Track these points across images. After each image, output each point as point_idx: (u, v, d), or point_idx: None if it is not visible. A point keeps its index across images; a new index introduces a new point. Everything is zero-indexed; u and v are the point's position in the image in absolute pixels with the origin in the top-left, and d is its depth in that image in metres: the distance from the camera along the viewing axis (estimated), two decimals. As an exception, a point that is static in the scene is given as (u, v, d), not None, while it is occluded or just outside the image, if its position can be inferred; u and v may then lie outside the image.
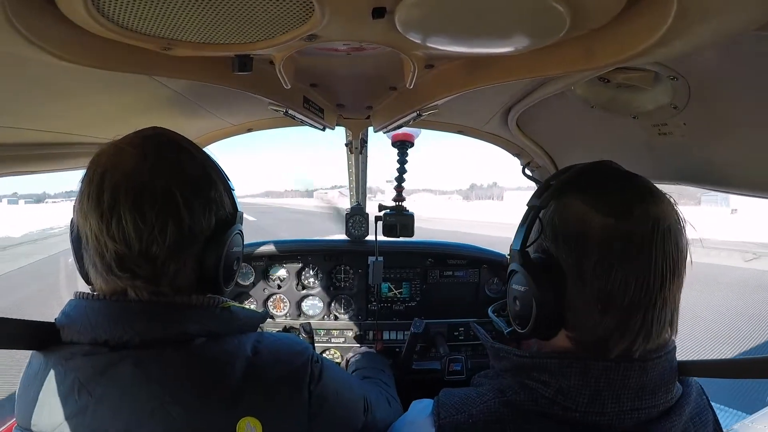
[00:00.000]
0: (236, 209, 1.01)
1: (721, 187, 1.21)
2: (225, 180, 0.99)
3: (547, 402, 0.80)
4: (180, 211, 0.86)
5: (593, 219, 0.79)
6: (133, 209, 0.84)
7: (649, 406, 0.80)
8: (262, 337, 0.96)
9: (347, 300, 2.70)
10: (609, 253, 0.77)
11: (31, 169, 1.34)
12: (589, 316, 0.80)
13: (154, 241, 0.85)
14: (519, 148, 2.22)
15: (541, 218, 0.89)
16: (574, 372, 0.79)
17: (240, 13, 0.77)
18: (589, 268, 0.79)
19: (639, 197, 0.80)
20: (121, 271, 0.86)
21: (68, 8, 0.71)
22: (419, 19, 0.78)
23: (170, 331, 0.87)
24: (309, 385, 0.91)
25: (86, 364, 0.83)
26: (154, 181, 0.86)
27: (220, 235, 0.94)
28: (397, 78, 1.38)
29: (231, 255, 0.97)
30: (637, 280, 0.76)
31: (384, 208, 2.35)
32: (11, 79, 0.97)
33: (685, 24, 0.63)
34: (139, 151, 0.88)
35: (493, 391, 0.87)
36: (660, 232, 0.77)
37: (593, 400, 0.78)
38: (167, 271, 0.88)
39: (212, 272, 0.93)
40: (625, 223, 0.78)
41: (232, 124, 2.14)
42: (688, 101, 1.01)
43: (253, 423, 0.83)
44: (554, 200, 0.87)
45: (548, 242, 0.86)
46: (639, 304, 0.77)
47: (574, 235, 0.81)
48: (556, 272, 0.83)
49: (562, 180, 0.89)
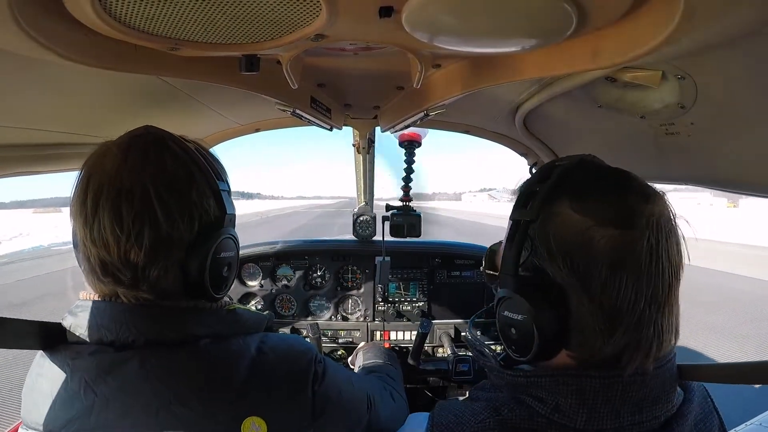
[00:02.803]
0: (224, 212, 0.95)
1: (729, 187, 1.20)
2: (213, 181, 0.94)
3: (544, 421, 0.77)
4: (157, 215, 0.85)
5: (595, 231, 0.72)
6: (111, 214, 0.83)
7: (649, 418, 0.76)
8: (266, 337, 0.96)
9: (354, 300, 2.71)
10: (617, 267, 0.71)
11: (40, 169, 1.35)
12: (596, 336, 0.74)
13: (132, 247, 0.84)
14: (526, 148, 2.21)
15: (530, 234, 0.80)
16: (570, 390, 0.76)
17: (247, 14, 0.77)
18: (597, 285, 0.72)
19: (637, 199, 0.74)
20: (104, 276, 0.87)
21: (75, 8, 0.72)
22: (426, 19, 0.78)
23: (176, 333, 0.88)
24: (313, 384, 0.92)
25: (92, 363, 0.84)
26: (133, 184, 0.84)
27: (205, 240, 0.91)
28: (404, 78, 1.39)
29: (219, 261, 0.94)
30: (647, 291, 0.72)
31: (391, 208, 2.35)
32: (18, 79, 0.97)
33: (692, 23, 0.63)
34: (121, 152, 0.88)
35: (488, 409, 0.82)
36: (664, 236, 0.73)
37: (591, 418, 0.75)
38: (148, 276, 0.86)
39: (197, 279, 0.90)
40: (630, 232, 0.72)
41: (239, 124, 2.15)
42: (695, 101, 1.00)
43: (258, 422, 0.84)
44: (543, 211, 0.79)
45: (542, 260, 0.78)
46: (650, 316, 0.73)
47: (576, 252, 0.74)
48: (555, 293, 0.76)
49: (548, 186, 0.80)
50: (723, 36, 0.71)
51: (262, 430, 0.84)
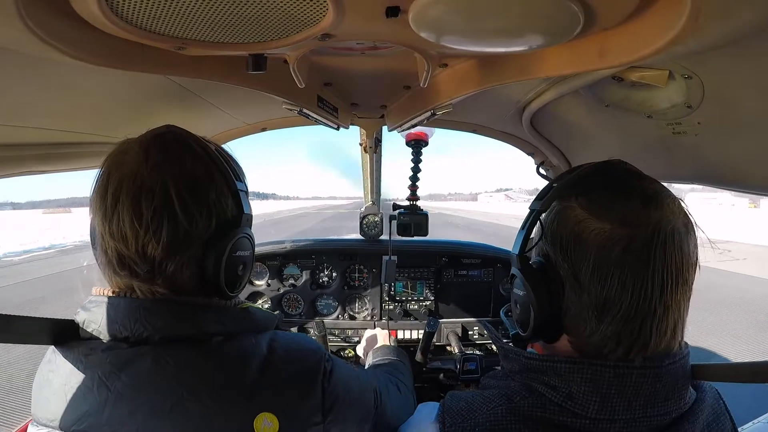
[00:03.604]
0: (242, 212, 0.97)
1: (736, 186, 1.19)
2: (232, 182, 0.95)
3: (556, 409, 0.78)
4: (176, 211, 0.86)
5: (589, 224, 0.77)
6: (131, 208, 0.85)
7: (660, 413, 0.77)
8: (277, 336, 0.97)
9: (362, 299, 2.72)
10: (605, 259, 0.75)
11: (47, 168, 1.36)
12: (585, 323, 0.78)
13: (150, 241, 0.85)
14: (533, 147, 2.21)
15: (542, 221, 0.87)
16: (584, 378, 0.77)
17: (254, 13, 0.78)
18: (586, 274, 0.77)
19: (640, 201, 0.77)
20: (121, 269, 0.88)
21: (82, 7, 0.73)
22: (433, 18, 0.78)
23: (189, 330, 0.89)
24: (322, 382, 0.93)
25: (105, 359, 0.85)
26: (153, 181, 0.86)
27: (221, 238, 0.92)
28: (411, 77, 1.39)
29: (234, 259, 0.95)
30: (634, 287, 0.74)
31: (398, 207, 2.35)
32: (26, 78, 0.98)
33: (699, 23, 0.63)
34: (143, 150, 0.89)
35: (500, 396, 0.85)
36: (661, 237, 0.74)
37: (603, 407, 0.75)
38: (164, 271, 0.88)
39: (212, 276, 0.91)
40: (623, 229, 0.75)
41: (246, 123, 2.16)
42: (702, 100, 1.00)
43: (270, 418, 0.85)
44: (556, 203, 0.85)
45: (548, 246, 0.84)
46: (637, 312, 0.75)
47: (571, 240, 0.79)
48: (553, 277, 0.82)
49: (564, 182, 0.87)
50: (730, 35, 0.71)
51: (274, 426, 0.84)
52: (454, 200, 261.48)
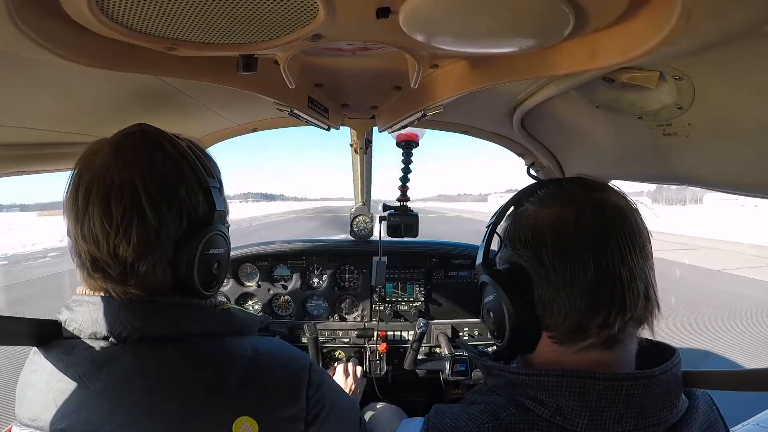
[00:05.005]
0: (214, 209, 0.95)
1: (727, 188, 1.20)
2: (203, 178, 0.94)
3: (545, 424, 0.77)
4: (145, 210, 0.85)
5: (541, 213, 0.84)
6: (101, 209, 0.84)
7: (653, 423, 0.76)
8: (260, 341, 0.96)
9: (352, 300, 2.71)
10: (561, 236, 0.80)
11: (37, 168, 1.35)
12: (560, 306, 0.80)
13: (121, 243, 0.85)
14: (523, 148, 2.21)
15: (499, 234, 0.94)
16: (572, 391, 0.76)
17: (244, 14, 0.77)
18: (548, 255, 0.80)
19: (583, 189, 0.85)
20: (94, 271, 0.87)
21: (72, 8, 0.72)
22: (423, 19, 0.78)
23: (170, 328, 0.88)
24: (307, 390, 0.92)
25: (86, 358, 0.84)
26: (122, 181, 0.85)
27: (192, 236, 0.91)
28: (402, 78, 1.39)
29: (208, 258, 0.94)
30: (595, 255, 0.77)
31: (388, 207, 2.35)
32: (15, 79, 0.97)
33: (690, 24, 0.63)
34: (113, 150, 0.88)
35: (486, 413, 0.82)
36: (607, 209, 0.81)
37: (593, 421, 0.75)
38: (137, 272, 0.87)
39: (186, 275, 0.90)
40: (571, 207, 0.81)
41: (237, 124, 2.15)
42: (693, 101, 1.00)
43: (249, 422, 0.84)
44: (511, 213, 0.93)
45: (509, 251, 0.89)
46: (603, 279, 0.77)
47: (528, 233, 0.84)
48: (520, 274, 0.85)
49: (518, 194, 0.94)
50: (720, 37, 0.71)
51: (253, 430, 0.84)
52: (464, 201, 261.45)
